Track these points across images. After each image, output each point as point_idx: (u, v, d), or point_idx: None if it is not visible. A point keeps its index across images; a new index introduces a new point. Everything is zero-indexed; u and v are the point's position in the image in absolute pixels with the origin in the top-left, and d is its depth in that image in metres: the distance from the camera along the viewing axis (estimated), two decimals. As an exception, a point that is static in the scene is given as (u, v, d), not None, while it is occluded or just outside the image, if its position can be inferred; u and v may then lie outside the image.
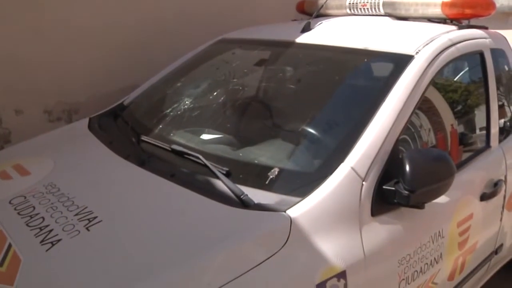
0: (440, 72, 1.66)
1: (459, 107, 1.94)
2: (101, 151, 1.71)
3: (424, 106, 1.68)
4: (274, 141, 1.64)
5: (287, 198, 1.28)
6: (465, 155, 1.85)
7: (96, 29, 2.54)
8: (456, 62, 1.84)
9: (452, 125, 1.84)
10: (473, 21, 2.14)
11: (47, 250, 1.18)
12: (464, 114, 1.95)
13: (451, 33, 1.81)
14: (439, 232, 1.54)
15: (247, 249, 1.15)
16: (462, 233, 1.68)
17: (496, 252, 2.02)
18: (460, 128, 1.90)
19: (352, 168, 1.33)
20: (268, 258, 1.13)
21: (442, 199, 1.47)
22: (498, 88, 2.02)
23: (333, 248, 1.23)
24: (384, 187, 1.35)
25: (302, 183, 1.33)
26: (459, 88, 1.94)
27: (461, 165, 1.75)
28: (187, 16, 2.86)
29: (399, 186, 1.32)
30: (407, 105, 1.49)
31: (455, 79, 1.94)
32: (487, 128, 1.93)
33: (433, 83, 1.65)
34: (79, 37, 2.49)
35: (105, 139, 1.80)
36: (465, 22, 2.07)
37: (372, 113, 1.45)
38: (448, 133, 1.80)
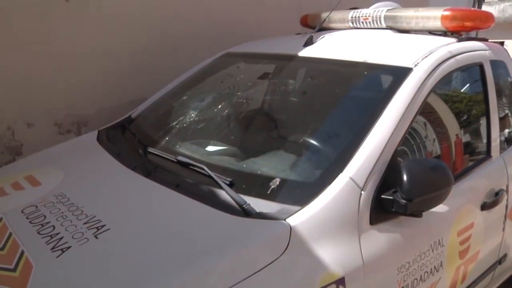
0: (439, 83, 1.70)
1: (460, 118, 1.97)
2: (109, 162, 1.77)
3: (425, 117, 1.72)
4: (276, 152, 1.69)
5: (287, 207, 1.33)
6: (466, 165, 1.88)
7: (106, 45, 2.61)
8: (455, 74, 1.88)
9: (456, 135, 1.87)
10: (480, 33, 2.17)
11: (57, 257, 1.24)
12: (464, 125, 1.98)
13: (450, 45, 1.85)
14: (439, 240, 1.57)
15: (248, 256, 1.20)
16: (463, 242, 1.70)
17: (499, 262, 2.04)
18: (464, 138, 1.93)
19: (351, 178, 1.37)
20: (269, 264, 1.18)
21: (441, 207, 1.51)
22: (500, 99, 2.06)
23: (332, 255, 1.27)
24: (382, 196, 1.39)
25: (302, 193, 1.38)
26: (460, 99, 1.97)
27: (462, 174, 1.78)
28: (192, 33, 2.94)
29: (397, 195, 1.36)
30: (406, 116, 1.53)
31: (455, 91, 1.98)
32: (488, 138, 1.96)
33: (433, 94, 1.69)
34: (89, 52, 2.57)
35: (113, 151, 1.86)
36: (465, 35, 2.12)
37: (371, 124, 1.50)
38: (452, 142, 1.84)
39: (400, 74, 1.65)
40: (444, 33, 2.07)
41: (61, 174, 1.73)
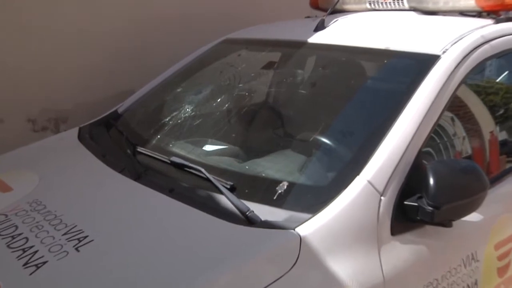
0: (471, 73, 1.68)
1: (499, 112, 1.94)
2: (93, 164, 1.77)
3: (455, 111, 1.72)
4: (283, 152, 1.69)
5: (296, 215, 1.33)
6: (503, 167, 1.86)
7: (88, 29, 2.63)
8: (490, 62, 1.86)
9: (491, 132, 1.86)
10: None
11: (30, 274, 1.22)
12: (504, 120, 1.96)
13: (485, 28, 1.82)
14: (472, 254, 1.55)
15: (252, 270, 1.19)
16: (501, 257, 1.67)
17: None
18: (500, 136, 1.91)
19: (369, 182, 1.37)
20: (276, 280, 1.17)
21: (475, 216, 1.49)
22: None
23: (348, 270, 1.26)
24: (405, 202, 1.38)
25: (313, 198, 1.38)
26: (495, 91, 1.96)
27: (500, 177, 1.75)
28: (188, 15, 2.95)
29: (422, 202, 1.35)
30: (432, 111, 1.52)
31: (490, 81, 1.96)
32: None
33: (464, 86, 1.68)
34: (68, 39, 2.57)
35: (97, 151, 1.86)
36: (504, 15, 2.05)
37: (392, 121, 1.49)
38: (486, 141, 1.83)
39: (425, 62, 1.64)
40: (478, 14, 2.05)
41: (35, 177, 1.73)
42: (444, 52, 1.66)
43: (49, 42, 2.53)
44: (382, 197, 1.37)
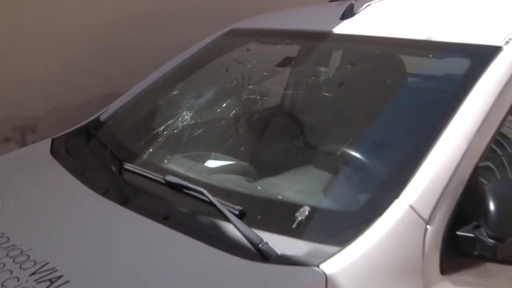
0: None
1: None
2: (69, 184, 1.77)
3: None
4: (304, 169, 1.69)
5: (321, 248, 1.31)
6: None
7: (63, 20, 2.65)
8: None
9: None
10: None
11: None
12: None
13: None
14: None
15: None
16: None
17: None
18: None
19: (411, 207, 1.35)
20: (296, 331, 1.16)
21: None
22: None
23: (387, 318, 1.26)
24: (458, 232, 1.37)
25: (341, 227, 1.37)
26: None
27: None
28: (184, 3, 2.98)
29: (480, 232, 1.34)
30: (492, 116, 1.51)
31: None
32: None
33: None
34: (39, 30, 2.59)
35: (74, 168, 1.86)
36: None
37: (439, 129, 1.48)
38: None
39: (483, 56, 1.63)
40: None
41: (-3, 202, 1.73)
42: (507, 42, 1.65)
43: (15, 37, 2.54)
44: (428, 226, 1.35)
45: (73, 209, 1.67)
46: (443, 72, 1.79)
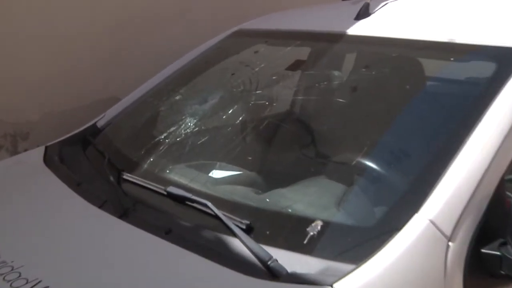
0: None
1: None
2: (64, 196, 1.77)
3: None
4: (316, 180, 1.68)
5: (334, 265, 1.30)
6: None
7: (58, 19, 2.66)
8: None
9: None
10: None
11: None
12: None
13: None
14: None
15: None
16: None
17: None
18: None
19: (432, 222, 1.34)
20: None
21: None
22: None
23: None
24: (482, 250, 1.36)
25: (356, 244, 1.36)
26: None
27: None
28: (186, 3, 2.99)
29: (507, 250, 1.34)
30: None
31: None
32: None
33: None
34: (32, 30, 2.60)
35: (69, 178, 1.87)
36: None
37: (463, 138, 1.48)
38: None
39: (510, 59, 1.63)
40: None
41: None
42: None
43: (7, 40, 2.55)
44: (450, 243, 1.34)
45: (68, 223, 1.67)
46: (466, 76, 1.78)
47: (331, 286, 1.24)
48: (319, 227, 1.41)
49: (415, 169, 1.54)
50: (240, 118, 2.08)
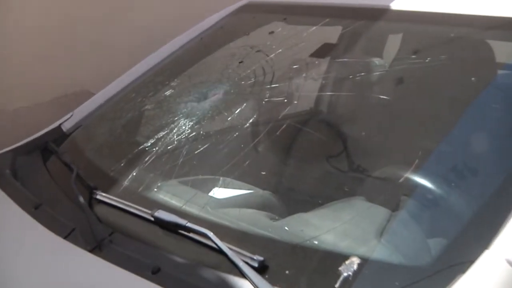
0: None
1: None
2: (18, 222, 1.77)
3: None
4: (350, 203, 1.68)
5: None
6: None
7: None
8: None
9: None
10: None
11: None
12: None
13: None
14: None
15: None
16: None
17: None
18: None
19: (508, 262, 1.33)
20: None
21: None
22: None
23: None
24: None
25: (406, 288, 1.35)
26: None
27: None
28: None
29: None
30: None
31: None
32: None
33: None
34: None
35: (24, 199, 1.86)
36: None
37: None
38: None
39: None
40: None
41: None
42: None
43: None
44: (533, 290, 1.33)
45: (23, 257, 1.66)
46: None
47: None
48: (355, 266, 1.40)
49: (485, 192, 1.53)
50: (251, 120, 2.06)
